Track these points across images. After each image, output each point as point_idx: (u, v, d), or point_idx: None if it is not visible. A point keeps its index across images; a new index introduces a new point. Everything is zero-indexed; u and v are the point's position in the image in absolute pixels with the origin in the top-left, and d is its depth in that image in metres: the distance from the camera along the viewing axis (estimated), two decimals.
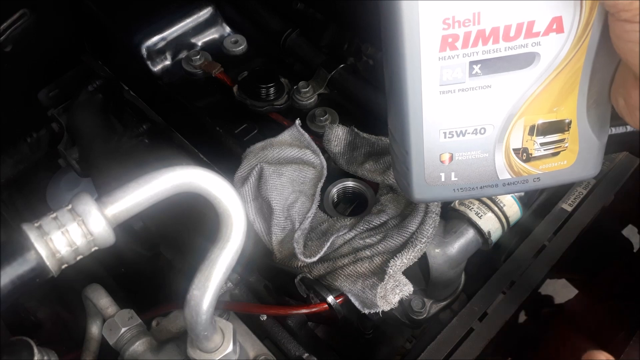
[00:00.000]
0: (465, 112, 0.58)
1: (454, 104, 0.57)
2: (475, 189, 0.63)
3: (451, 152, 0.61)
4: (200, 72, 1.13)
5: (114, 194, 0.56)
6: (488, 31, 0.52)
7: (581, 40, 0.54)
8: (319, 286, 0.81)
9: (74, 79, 1.32)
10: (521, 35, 0.53)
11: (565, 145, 0.61)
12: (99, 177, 1.16)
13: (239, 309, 0.83)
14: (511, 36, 0.53)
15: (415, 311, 0.86)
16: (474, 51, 0.53)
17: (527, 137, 0.60)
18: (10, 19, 1.18)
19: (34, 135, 1.38)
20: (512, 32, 0.53)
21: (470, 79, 0.55)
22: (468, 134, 0.59)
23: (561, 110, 0.58)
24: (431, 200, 0.82)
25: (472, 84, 0.56)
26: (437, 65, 0.54)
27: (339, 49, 1.13)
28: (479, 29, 0.52)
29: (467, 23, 0.52)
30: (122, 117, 1.25)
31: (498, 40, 0.53)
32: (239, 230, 0.61)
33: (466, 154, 0.61)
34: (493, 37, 0.53)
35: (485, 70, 0.55)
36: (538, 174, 0.63)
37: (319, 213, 0.91)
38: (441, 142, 0.60)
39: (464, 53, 0.53)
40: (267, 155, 0.94)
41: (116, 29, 1.18)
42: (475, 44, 0.53)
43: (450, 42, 0.53)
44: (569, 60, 0.55)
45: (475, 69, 0.55)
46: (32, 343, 0.70)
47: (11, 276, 0.53)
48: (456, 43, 0.53)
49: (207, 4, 1.19)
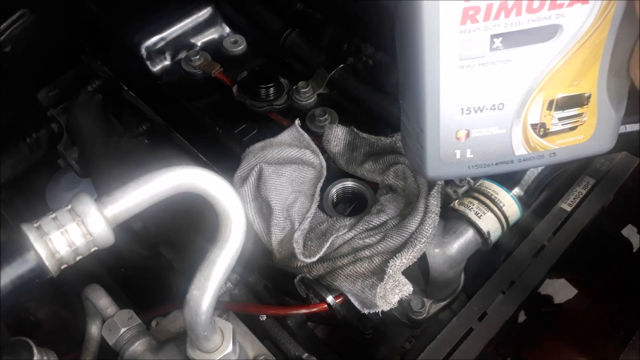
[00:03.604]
0: (484, 87, 0.57)
1: (473, 79, 0.56)
2: (491, 166, 0.62)
3: (468, 128, 0.59)
4: (200, 72, 1.13)
5: (113, 194, 0.56)
6: (511, 3, 0.51)
7: (606, 11, 0.52)
8: (318, 286, 0.81)
9: (73, 79, 1.32)
10: (545, 7, 0.51)
11: (584, 120, 0.60)
12: (99, 177, 1.16)
13: (238, 309, 0.83)
14: (534, 8, 0.51)
15: (415, 311, 0.86)
16: (496, 24, 0.52)
17: (546, 112, 0.59)
18: (10, 19, 1.18)
19: (33, 136, 1.37)
20: (536, 3, 0.51)
21: (490, 53, 0.54)
22: (486, 110, 0.58)
23: (581, 83, 0.57)
24: (445, 177, 0.80)
25: (492, 58, 0.54)
26: (457, 39, 0.53)
27: (338, 49, 1.13)
28: (502, 1, 0.50)
29: None
30: (121, 117, 1.25)
31: (521, 13, 0.51)
32: (238, 230, 0.61)
33: (483, 130, 0.59)
34: (516, 9, 0.51)
35: (506, 43, 0.53)
36: (554, 149, 0.61)
37: (319, 213, 0.91)
38: (458, 119, 0.59)
39: (485, 26, 0.52)
40: (267, 155, 0.94)
41: (116, 29, 1.18)
42: (497, 17, 0.51)
43: (472, 15, 0.51)
44: (593, 32, 0.53)
45: (496, 43, 0.53)
46: (31, 343, 0.70)
47: (11, 276, 0.53)
48: (477, 16, 0.51)
49: (207, 4, 1.19)
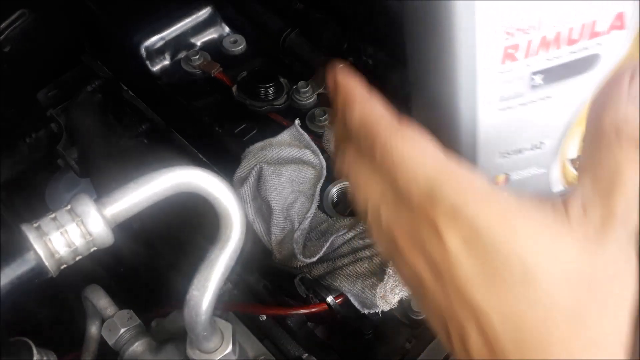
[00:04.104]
0: (525, 127, 0.53)
1: (512, 121, 0.52)
2: None
3: (507, 172, 0.56)
4: (200, 72, 1.13)
5: (112, 195, 0.56)
6: (551, 36, 0.48)
7: None
8: (318, 286, 0.81)
9: (73, 79, 1.31)
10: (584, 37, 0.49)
11: None
12: (98, 177, 1.15)
13: (238, 309, 0.83)
14: (573, 39, 0.49)
15: (415, 311, 0.86)
16: (536, 60, 0.48)
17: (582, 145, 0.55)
18: (9, 19, 1.18)
19: (33, 136, 1.37)
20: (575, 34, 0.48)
21: (530, 92, 0.51)
22: (526, 151, 0.55)
23: None
24: None
25: (532, 97, 0.51)
26: (497, 80, 0.49)
27: (338, 49, 1.13)
28: (542, 34, 0.47)
29: (529, 30, 0.46)
30: (121, 117, 1.24)
31: (560, 45, 0.48)
32: (238, 230, 0.61)
33: (522, 172, 0.56)
34: (555, 42, 0.48)
35: (547, 79, 0.50)
36: None
37: (319, 213, 0.91)
38: (497, 164, 0.55)
39: (526, 63, 0.48)
40: (267, 155, 0.94)
41: (115, 29, 1.18)
42: (537, 52, 0.47)
43: (511, 54, 0.47)
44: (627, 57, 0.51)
45: (536, 80, 0.50)
46: (31, 343, 0.70)
47: (10, 276, 0.53)
48: (517, 53, 0.47)
49: (206, 3, 1.19)
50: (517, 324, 0.41)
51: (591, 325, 0.41)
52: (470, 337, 0.43)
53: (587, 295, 0.41)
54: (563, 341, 0.41)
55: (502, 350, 0.42)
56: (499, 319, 0.42)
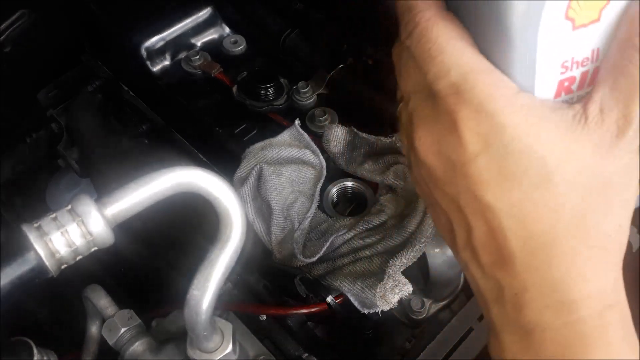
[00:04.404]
0: None
1: None
2: None
3: None
4: (200, 72, 1.13)
5: (113, 195, 0.56)
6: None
7: None
8: (318, 286, 0.81)
9: (73, 79, 1.31)
10: None
11: None
12: (99, 178, 1.16)
13: (238, 309, 0.83)
14: None
15: (415, 311, 0.86)
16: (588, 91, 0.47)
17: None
18: (10, 19, 1.18)
19: (33, 136, 1.37)
20: None
21: None
22: None
23: None
24: None
25: None
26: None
27: (338, 49, 1.13)
28: (596, 66, 0.46)
29: (585, 62, 0.46)
30: (121, 118, 1.25)
31: None
32: (238, 230, 0.61)
33: None
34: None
35: None
36: None
37: (319, 213, 0.91)
38: None
39: (579, 95, 0.47)
40: (267, 155, 0.94)
41: (115, 29, 1.18)
42: (590, 83, 0.47)
43: (567, 86, 0.47)
44: None
45: None
46: (31, 343, 0.70)
47: (11, 276, 0.53)
48: (572, 86, 0.47)
49: (207, 4, 1.19)
50: (525, 222, 0.42)
51: (596, 227, 0.42)
52: (475, 231, 0.44)
53: (596, 198, 0.42)
54: (568, 240, 0.42)
55: (508, 246, 0.43)
56: (508, 215, 0.42)
